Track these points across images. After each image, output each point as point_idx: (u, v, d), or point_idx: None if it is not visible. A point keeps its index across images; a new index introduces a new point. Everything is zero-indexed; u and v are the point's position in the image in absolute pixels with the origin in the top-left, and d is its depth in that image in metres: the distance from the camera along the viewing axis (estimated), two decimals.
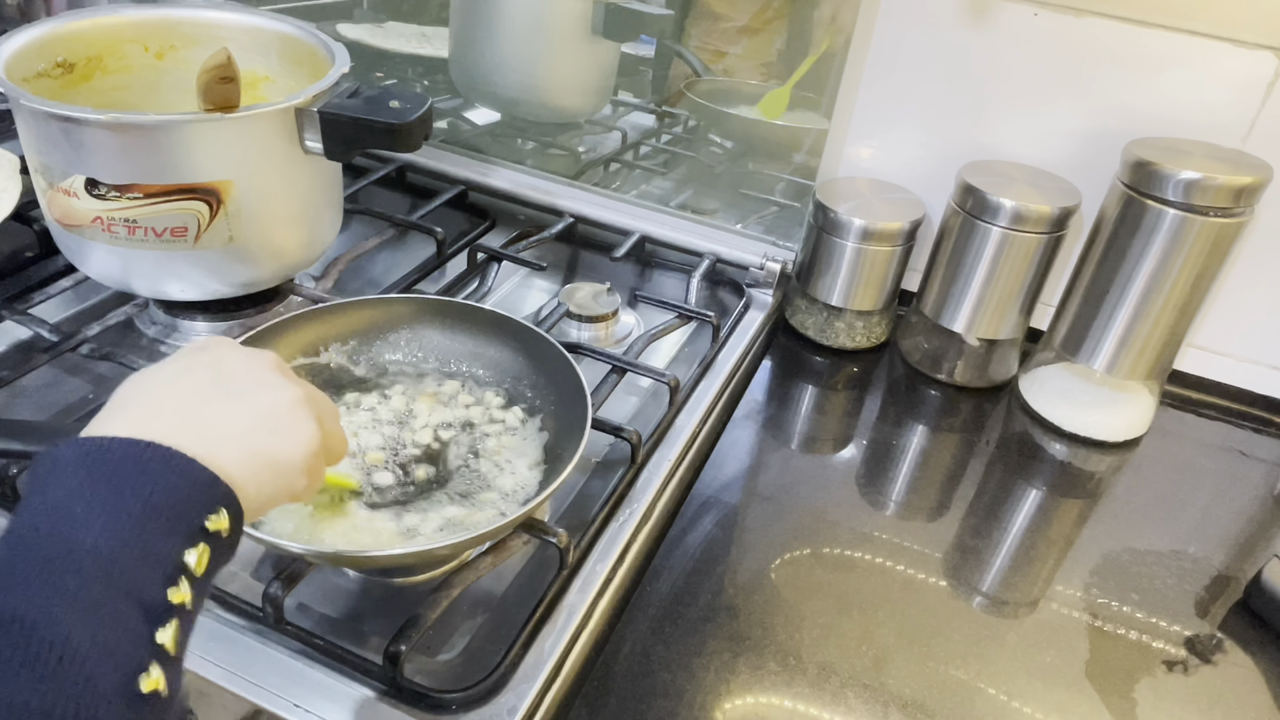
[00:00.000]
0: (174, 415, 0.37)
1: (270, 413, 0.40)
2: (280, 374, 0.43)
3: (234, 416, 0.39)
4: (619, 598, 0.60)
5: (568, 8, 1.08)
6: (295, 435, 0.41)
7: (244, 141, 0.68)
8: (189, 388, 0.39)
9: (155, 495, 0.34)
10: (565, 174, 1.05)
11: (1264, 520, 0.74)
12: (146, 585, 0.32)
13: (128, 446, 0.35)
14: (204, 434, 0.37)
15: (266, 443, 0.39)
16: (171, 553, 0.33)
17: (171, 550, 0.33)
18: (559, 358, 0.66)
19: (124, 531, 0.32)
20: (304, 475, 0.41)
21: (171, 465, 0.35)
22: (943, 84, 0.84)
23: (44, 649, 0.28)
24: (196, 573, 0.34)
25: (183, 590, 0.33)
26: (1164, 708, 0.57)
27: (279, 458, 0.40)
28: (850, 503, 0.71)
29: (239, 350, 0.43)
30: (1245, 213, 0.71)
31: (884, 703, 0.55)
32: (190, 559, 0.34)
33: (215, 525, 0.35)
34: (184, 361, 0.41)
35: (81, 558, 0.31)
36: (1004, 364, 0.87)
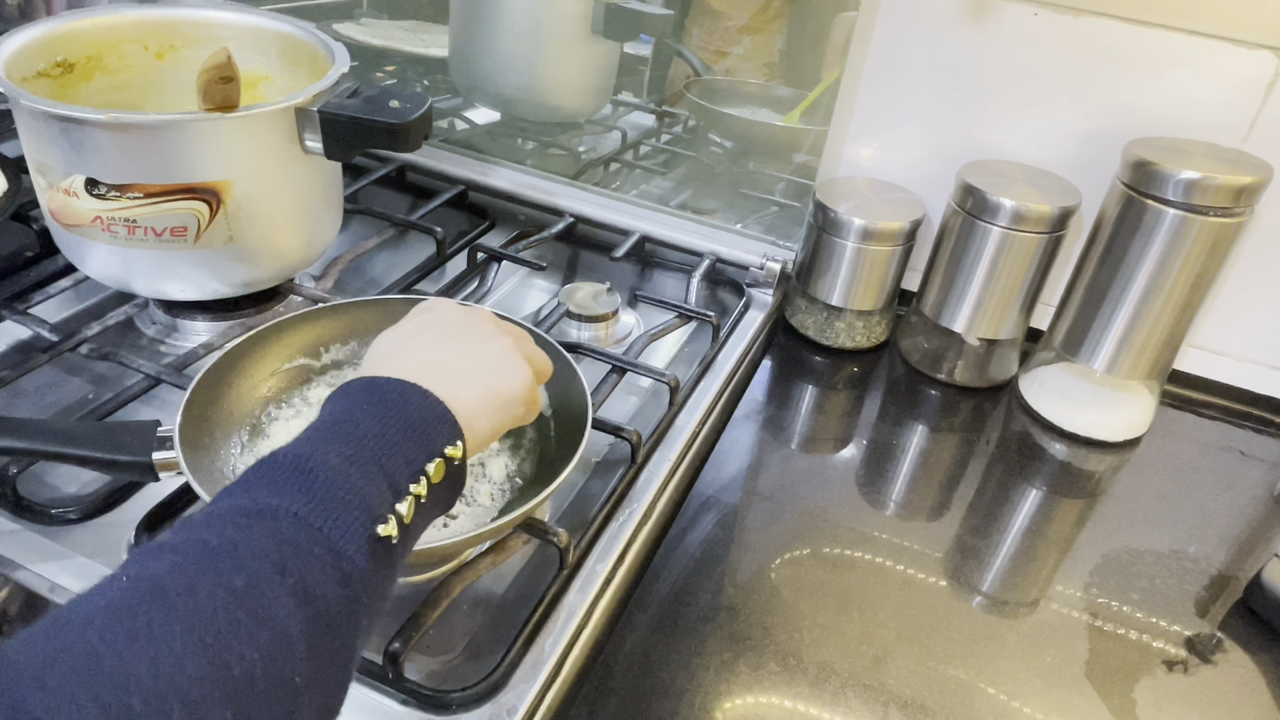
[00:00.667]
0: (421, 367, 0.47)
1: (489, 359, 0.50)
2: (493, 325, 0.53)
3: (464, 365, 0.49)
4: (619, 598, 0.60)
5: (568, 8, 1.08)
6: (512, 375, 0.50)
7: (244, 141, 0.68)
8: (425, 345, 0.49)
9: (413, 418, 0.43)
10: (565, 174, 1.05)
11: (1264, 520, 0.74)
12: (398, 473, 0.41)
13: (398, 384, 0.45)
14: (444, 379, 0.46)
15: (492, 384, 0.49)
16: (419, 458, 0.42)
17: (419, 457, 0.42)
18: (559, 357, 0.66)
19: (389, 433, 0.42)
20: (523, 405, 0.51)
21: (426, 401, 0.45)
22: (943, 84, 0.84)
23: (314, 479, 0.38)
24: (434, 479, 0.42)
25: (421, 486, 0.41)
26: (1164, 708, 0.57)
27: (503, 394, 0.49)
28: (850, 503, 0.71)
29: (458, 309, 0.53)
30: (1245, 213, 0.71)
31: (884, 703, 0.55)
32: (430, 468, 0.42)
33: (451, 452, 0.44)
34: (416, 321, 0.52)
35: (361, 438, 0.41)
36: (1004, 364, 0.87)
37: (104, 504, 0.60)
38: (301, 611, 0.33)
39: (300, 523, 0.36)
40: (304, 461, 0.39)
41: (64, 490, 0.63)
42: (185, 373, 0.69)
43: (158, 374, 0.68)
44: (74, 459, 0.53)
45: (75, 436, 0.54)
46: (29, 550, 0.56)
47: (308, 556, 0.35)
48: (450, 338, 0.50)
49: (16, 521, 0.58)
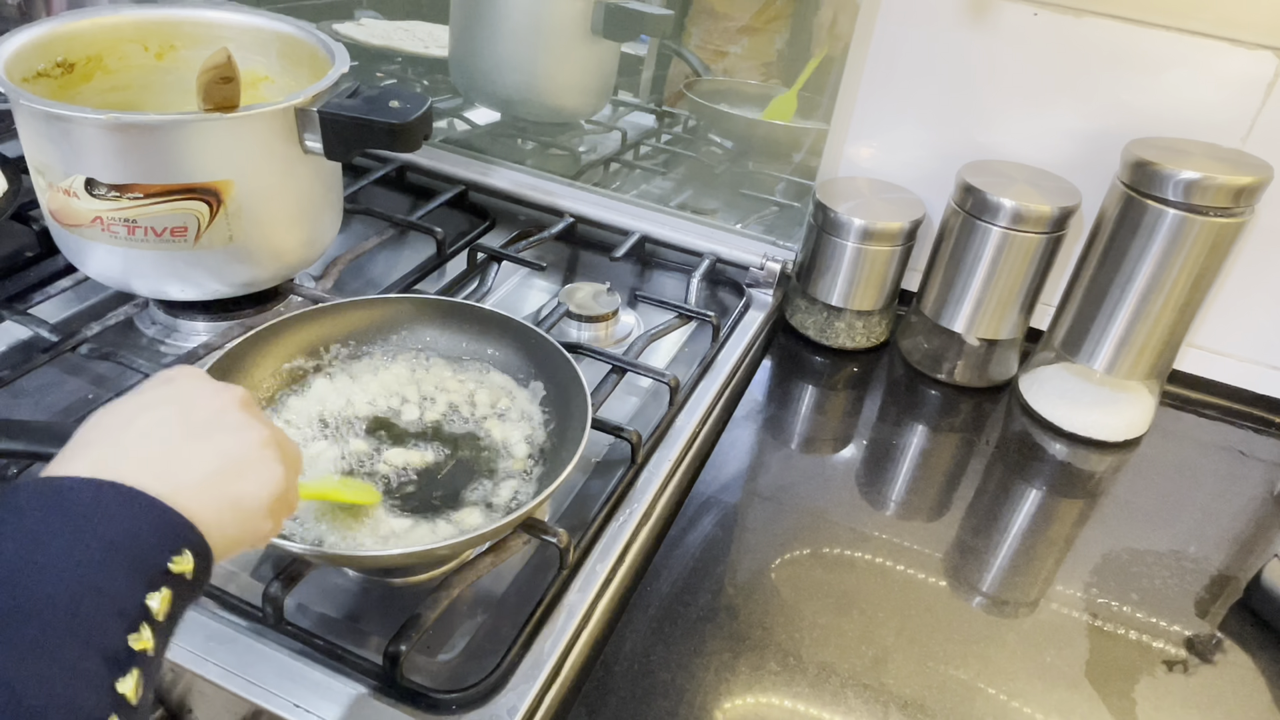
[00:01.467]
0: (137, 454, 0.36)
1: (237, 455, 0.39)
2: (247, 413, 0.42)
3: (200, 458, 0.38)
4: (619, 598, 0.60)
5: (568, 8, 1.08)
6: (261, 478, 0.40)
7: (244, 141, 0.68)
8: (154, 425, 0.38)
9: (116, 536, 0.32)
10: (565, 174, 1.05)
11: (1264, 520, 0.74)
12: (107, 632, 0.31)
13: (87, 487, 0.33)
14: (169, 474, 0.36)
15: (233, 486, 0.38)
16: (133, 597, 0.32)
17: (133, 594, 0.32)
18: (559, 358, 0.66)
19: (83, 576, 0.31)
20: (268, 519, 0.40)
21: (134, 505, 0.34)
22: (943, 84, 0.84)
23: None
24: (159, 618, 0.32)
25: (144, 637, 0.32)
26: (1164, 708, 0.57)
27: (245, 502, 0.39)
28: (850, 503, 0.71)
29: (207, 385, 0.42)
30: (1245, 213, 0.71)
31: (884, 703, 0.55)
32: (153, 603, 0.32)
33: (179, 567, 0.34)
34: (149, 395, 0.40)
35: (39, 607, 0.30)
36: (1004, 364, 0.87)
37: None
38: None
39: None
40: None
41: None
42: None
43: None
44: None
45: None
46: None
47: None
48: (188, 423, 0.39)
49: None
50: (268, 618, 0.53)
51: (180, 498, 0.35)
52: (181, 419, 0.39)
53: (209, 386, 0.42)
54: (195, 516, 0.35)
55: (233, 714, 0.51)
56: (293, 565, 0.54)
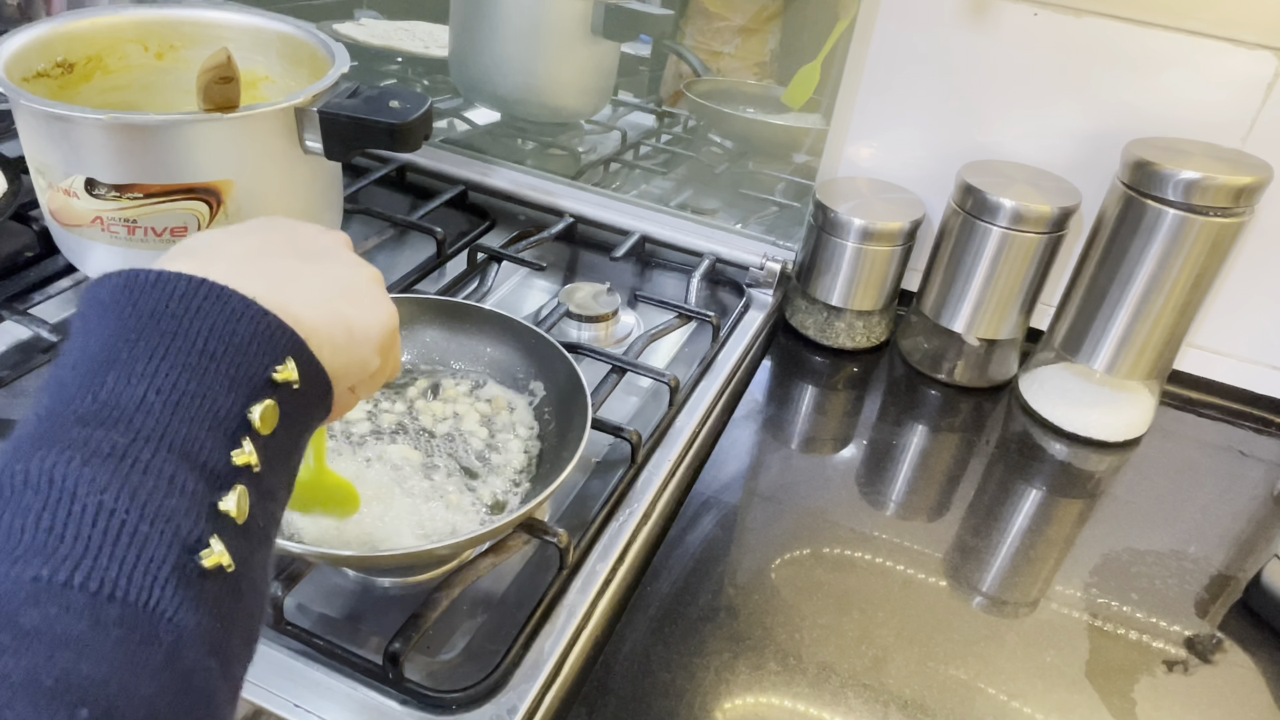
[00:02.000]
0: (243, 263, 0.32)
1: (349, 283, 0.37)
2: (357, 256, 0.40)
3: (313, 277, 0.35)
4: (619, 598, 0.60)
5: (568, 8, 1.08)
6: (374, 310, 0.38)
7: (244, 141, 0.68)
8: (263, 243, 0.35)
9: (211, 341, 0.29)
10: (565, 174, 1.05)
11: (1264, 520, 0.74)
12: (205, 446, 0.28)
13: (178, 283, 0.29)
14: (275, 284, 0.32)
15: (346, 309, 0.35)
16: (233, 408, 0.29)
17: (233, 405, 0.29)
18: (559, 358, 0.66)
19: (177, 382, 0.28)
20: (378, 354, 0.38)
21: (228, 306, 0.30)
22: (943, 84, 0.84)
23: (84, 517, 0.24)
24: (263, 431, 0.29)
25: (247, 451, 0.29)
26: (1164, 708, 0.57)
27: (356, 327, 0.36)
28: (850, 503, 0.71)
29: (313, 226, 0.40)
30: (1245, 213, 0.71)
31: (884, 703, 0.55)
32: (255, 414, 0.29)
33: (283, 376, 0.30)
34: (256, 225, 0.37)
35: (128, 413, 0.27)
36: (1004, 364, 0.87)
37: None
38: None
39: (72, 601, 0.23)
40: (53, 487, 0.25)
41: None
42: None
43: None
44: None
45: None
46: None
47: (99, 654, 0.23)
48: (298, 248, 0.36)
49: None
50: (267, 618, 0.53)
51: (288, 307, 0.32)
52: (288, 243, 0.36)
53: (314, 226, 0.40)
54: (304, 327, 0.32)
55: None
56: (293, 565, 0.54)
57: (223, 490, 0.28)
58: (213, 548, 0.26)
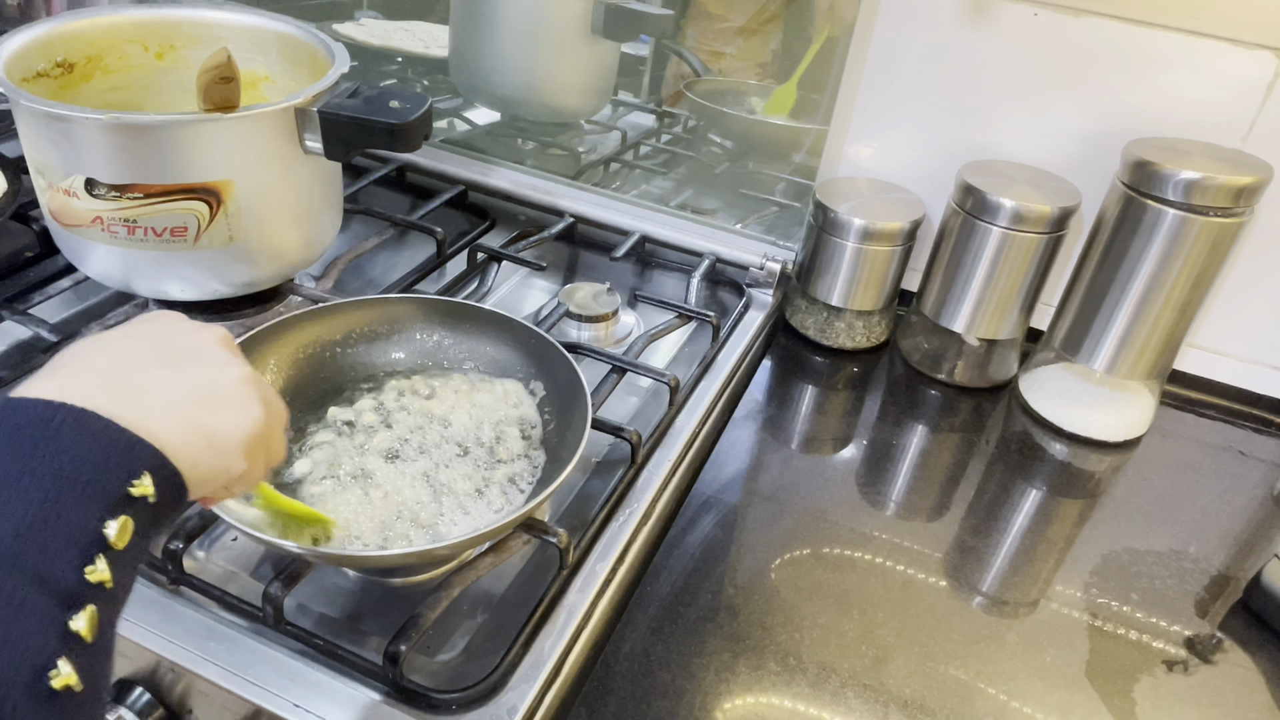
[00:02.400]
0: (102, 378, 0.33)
1: (212, 386, 0.37)
2: (228, 350, 0.40)
3: (171, 384, 0.35)
4: (619, 598, 0.60)
5: (568, 8, 1.08)
6: (237, 413, 0.37)
7: (244, 141, 0.68)
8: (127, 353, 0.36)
9: (66, 462, 0.30)
10: (565, 174, 1.05)
11: (1264, 520, 0.74)
12: (58, 566, 0.28)
13: (36, 408, 0.30)
14: (133, 398, 0.33)
15: (205, 417, 0.35)
16: (87, 526, 0.29)
17: (87, 523, 0.29)
18: (559, 358, 0.66)
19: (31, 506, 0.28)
20: (242, 458, 0.37)
21: (85, 426, 0.31)
22: (943, 84, 0.84)
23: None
24: (117, 546, 0.30)
25: (100, 568, 0.29)
26: (1164, 708, 0.57)
27: (218, 434, 0.36)
28: (850, 503, 0.71)
29: (189, 323, 0.40)
30: (1245, 213, 0.71)
31: (884, 703, 0.55)
32: (110, 530, 0.30)
33: (139, 491, 0.31)
34: (129, 328, 0.38)
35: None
36: (1004, 364, 0.87)
37: None
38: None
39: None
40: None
41: None
42: None
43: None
44: None
45: None
46: None
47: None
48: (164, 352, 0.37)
49: None
50: (268, 618, 0.53)
51: (145, 422, 0.32)
52: (156, 348, 0.37)
53: (190, 324, 0.40)
54: (160, 441, 0.32)
55: (233, 714, 0.51)
56: (292, 565, 0.54)
57: (74, 609, 0.28)
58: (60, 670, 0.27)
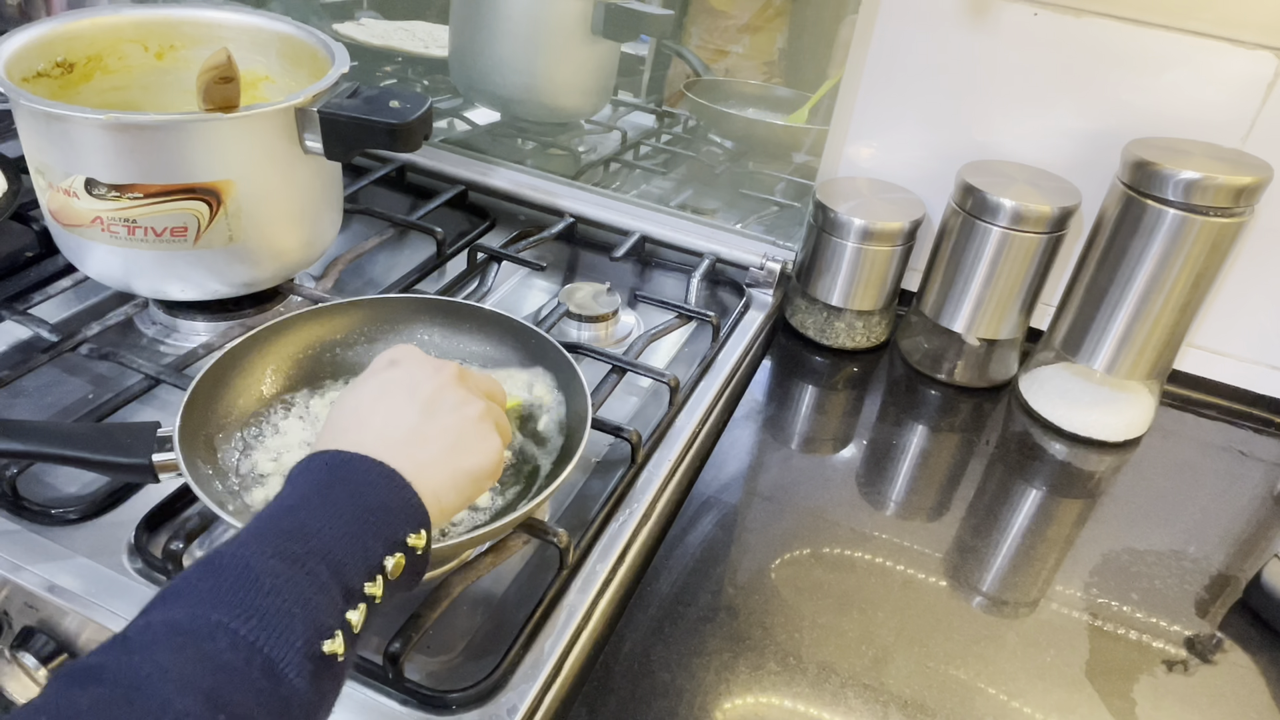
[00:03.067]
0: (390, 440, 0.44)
1: (461, 431, 0.47)
2: (464, 389, 0.50)
3: (434, 440, 0.46)
4: (619, 598, 0.60)
5: (568, 8, 1.08)
6: (484, 450, 0.48)
7: (244, 141, 0.68)
8: (393, 410, 0.47)
9: (374, 502, 0.41)
10: (565, 174, 1.05)
11: (1264, 520, 0.74)
12: (351, 572, 0.38)
13: (360, 462, 0.42)
14: (414, 457, 0.44)
15: (461, 462, 0.47)
16: (376, 553, 0.39)
17: (377, 551, 0.40)
18: (559, 357, 0.66)
19: (345, 526, 0.39)
20: (490, 479, 0.49)
21: (390, 483, 0.42)
22: (943, 84, 0.84)
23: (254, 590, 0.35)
24: (392, 575, 0.40)
25: (376, 585, 0.39)
26: (1164, 707, 0.57)
27: (471, 472, 0.47)
28: (850, 503, 0.71)
29: (426, 365, 0.50)
30: (1245, 213, 0.71)
31: (884, 703, 0.55)
32: (389, 563, 0.40)
33: (414, 541, 0.41)
34: (381, 379, 0.49)
35: (309, 537, 0.38)
36: (1004, 364, 0.87)
37: (104, 504, 0.60)
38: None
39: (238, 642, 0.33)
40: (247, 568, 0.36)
41: (64, 490, 0.63)
42: (185, 373, 0.69)
43: (158, 374, 0.68)
44: (73, 461, 0.53)
45: (74, 439, 0.54)
46: (29, 550, 0.56)
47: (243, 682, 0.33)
48: (418, 403, 0.47)
49: (16, 521, 0.58)
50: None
51: (421, 476, 0.43)
52: (412, 400, 0.47)
53: (429, 366, 0.50)
54: (430, 491, 0.43)
55: None
56: None
57: (352, 604, 0.38)
58: (335, 639, 0.36)
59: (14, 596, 0.55)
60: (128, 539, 0.57)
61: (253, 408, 0.64)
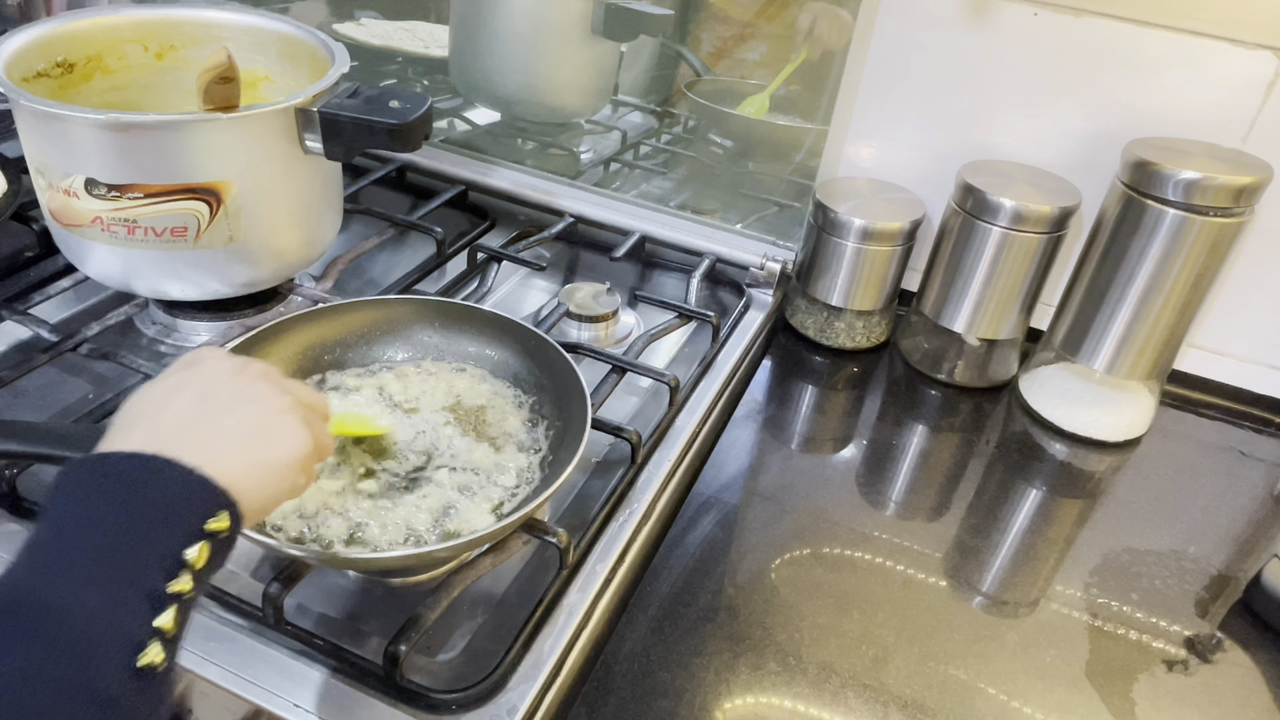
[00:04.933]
0: (174, 432, 0.41)
1: (261, 423, 0.44)
2: (268, 383, 0.46)
3: (228, 429, 0.43)
4: (619, 598, 0.60)
5: (568, 8, 1.08)
6: (288, 441, 0.44)
7: (244, 141, 0.68)
8: (184, 405, 0.43)
9: (160, 499, 0.38)
10: (565, 174, 1.05)
11: (1264, 520, 0.74)
12: (149, 577, 0.36)
13: (137, 459, 0.39)
14: (203, 447, 0.41)
15: (262, 451, 0.43)
16: (172, 550, 0.37)
17: (173, 548, 0.37)
18: (559, 358, 0.66)
19: (132, 529, 0.37)
20: (301, 474, 0.45)
21: (174, 473, 0.39)
22: (943, 84, 0.84)
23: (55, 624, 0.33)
24: (196, 566, 0.37)
25: (183, 581, 0.37)
26: (1164, 708, 0.57)
27: (276, 461, 0.44)
28: (850, 503, 0.71)
29: (227, 362, 0.47)
30: (1245, 213, 0.71)
31: (884, 703, 0.55)
32: (190, 554, 0.37)
33: (215, 526, 0.39)
34: (177, 378, 0.45)
35: (95, 552, 0.36)
36: (1004, 364, 0.87)
37: None
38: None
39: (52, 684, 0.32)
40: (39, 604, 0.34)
41: None
42: None
43: (158, 374, 0.68)
44: None
45: (74, 439, 0.53)
46: None
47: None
48: (213, 398, 0.44)
49: (16, 521, 0.58)
50: (268, 618, 0.53)
51: (215, 465, 0.40)
52: (210, 396, 0.44)
53: (229, 363, 0.46)
54: (230, 481, 0.40)
55: (233, 714, 0.51)
56: (292, 566, 0.54)
57: (159, 610, 0.36)
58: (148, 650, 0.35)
59: None
60: None
61: None
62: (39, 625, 0.33)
